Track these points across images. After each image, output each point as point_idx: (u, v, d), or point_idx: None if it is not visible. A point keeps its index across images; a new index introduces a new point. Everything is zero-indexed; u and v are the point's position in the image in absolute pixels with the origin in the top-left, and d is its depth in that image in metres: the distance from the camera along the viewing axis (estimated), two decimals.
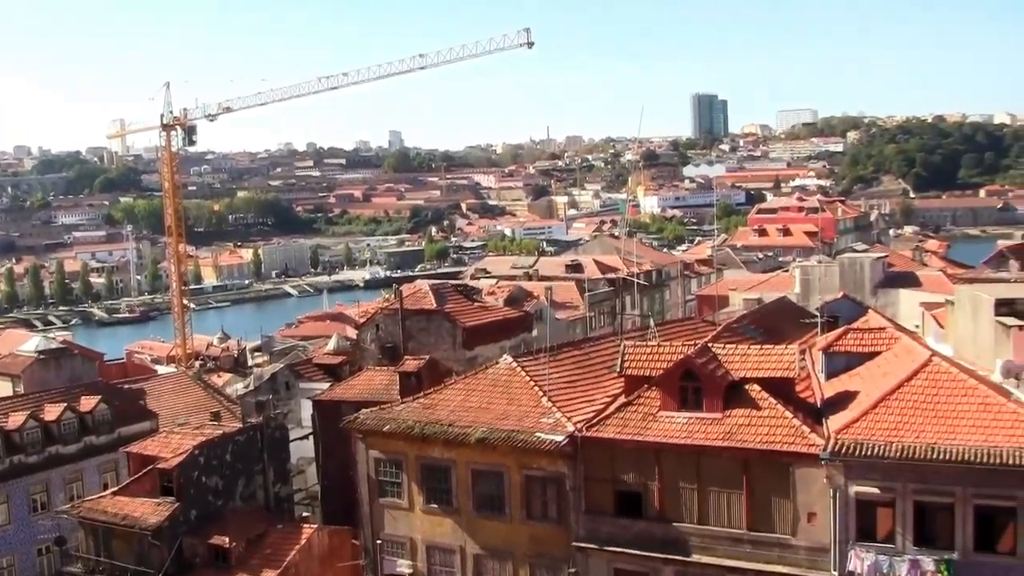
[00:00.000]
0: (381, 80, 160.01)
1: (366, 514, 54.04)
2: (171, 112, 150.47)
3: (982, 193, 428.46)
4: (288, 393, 76.45)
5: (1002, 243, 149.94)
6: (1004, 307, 50.50)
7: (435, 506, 51.69)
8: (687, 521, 46.11)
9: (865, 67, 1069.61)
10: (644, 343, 52.55)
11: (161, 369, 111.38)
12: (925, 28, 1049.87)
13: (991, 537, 41.45)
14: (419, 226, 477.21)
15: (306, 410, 71.00)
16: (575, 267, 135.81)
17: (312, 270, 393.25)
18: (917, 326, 62.97)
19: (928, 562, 41.44)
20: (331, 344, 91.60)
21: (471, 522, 50.77)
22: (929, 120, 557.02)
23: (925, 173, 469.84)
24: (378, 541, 53.41)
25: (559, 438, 47.49)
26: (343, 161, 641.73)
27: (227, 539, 54.51)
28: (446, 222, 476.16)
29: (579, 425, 47.73)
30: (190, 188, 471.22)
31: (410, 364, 62.71)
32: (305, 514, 67.14)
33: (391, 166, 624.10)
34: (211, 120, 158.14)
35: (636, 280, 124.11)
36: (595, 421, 47.78)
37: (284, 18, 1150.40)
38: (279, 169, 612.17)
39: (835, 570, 43.18)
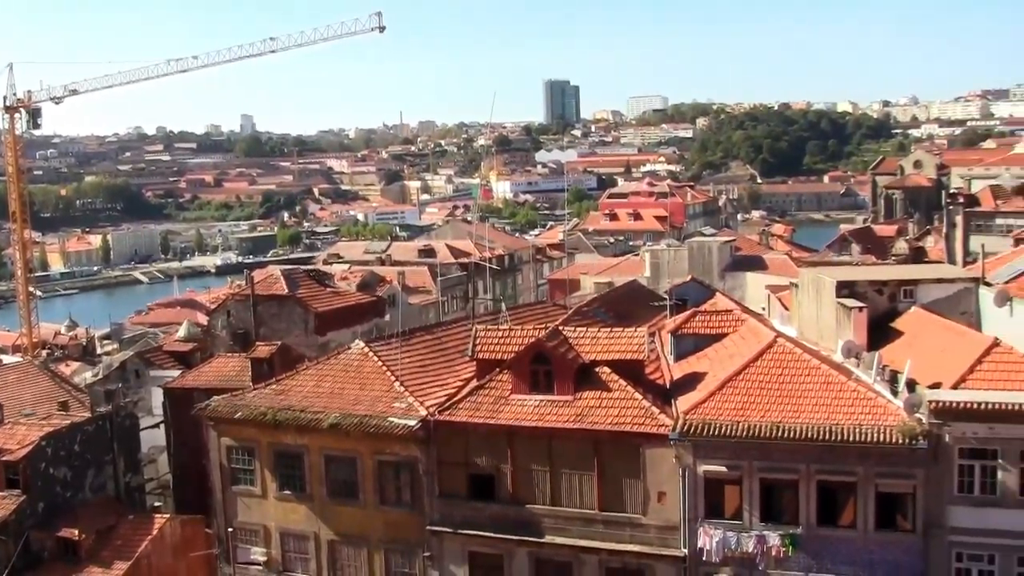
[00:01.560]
0: (232, 63, 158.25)
1: (219, 502, 53.41)
2: (14, 94, 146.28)
3: (826, 179, 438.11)
4: (138, 381, 75.07)
5: (844, 227, 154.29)
6: (845, 289, 51.92)
7: (288, 493, 51.31)
8: (540, 503, 46.51)
9: (714, 55, 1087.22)
10: (496, 327, 52.75)
11: (6, 359, 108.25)
12: (771, 18, 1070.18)
13: (833, 511, 42.70)
14: (271, 211, 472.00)
15: (157, 398, 69.80)
16: (428, 252, 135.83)
17: (163, 256, 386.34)
18: (763, 308, 64.37)
19: (774, 537, 42.56)
20: (182, 331, 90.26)
21: (325, 508, 50.53)
22: (775, 107, 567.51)
23: (772, 159, 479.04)
24: (231, 529, 52.83)
25: (411, 423, 47.51)
26: (194, 145, 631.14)
27: (76, 531, 53.45)
28: (298, 207, 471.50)
29: (431, 409, 47.78)
30: (35, 172, 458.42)
31: (262, 350, 62.08)
32: (157, 504, 66.13)
33: (243, 151, 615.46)
34: (57, 103, 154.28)
35: (488, 265, 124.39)
36: (447, 405, 47.89)
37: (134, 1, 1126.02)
38: (128, 153, 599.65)
39: (685, 547, 44.06)
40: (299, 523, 51.22)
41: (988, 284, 52.39)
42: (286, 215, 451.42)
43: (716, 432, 42.80)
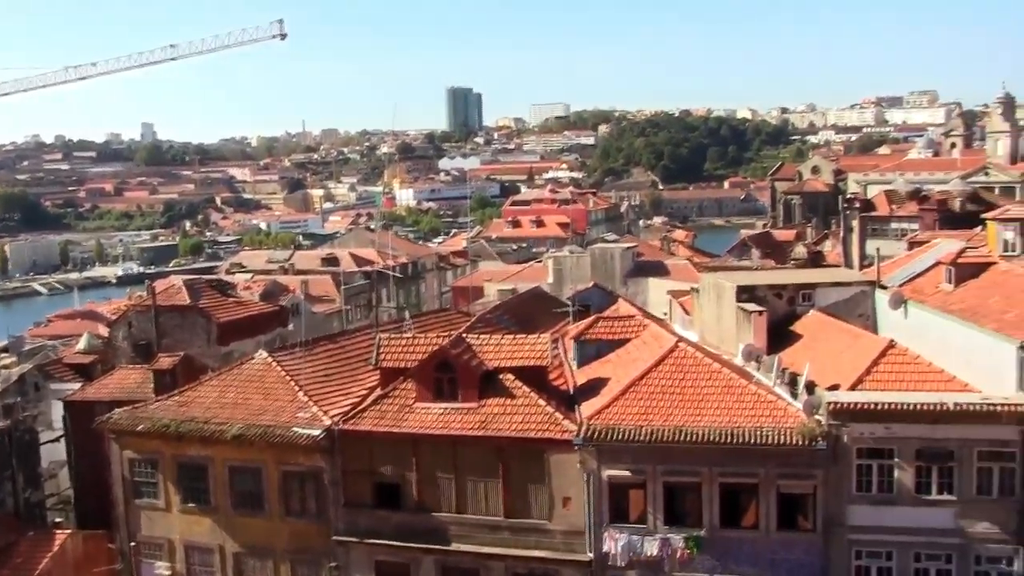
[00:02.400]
0: (132, 70, 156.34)
1: (121, 516, 52.76)
2: None
3: (726, 185, 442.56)
4: (38, 395, 73.74)
5: (744, 232, 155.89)
6: (745, 293, 52.70)
7: (193, 505, 50.85)
8: (445, 510, 46.59)
9: (615, 62, 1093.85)
10: (399, 335, 52.78)
11: None
12: (669, 25, 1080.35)
13: (736, 513, 43.35)
14: (173, 221, 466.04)
15: (57, 411, 68.57)
16: (331, 260, 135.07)
17: (62, 267, 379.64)
18: (665, 313, 65.02)
19: (678, 540, 43.08)
20: (82, 343, 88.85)
21: (230, 520, 50.14)
22: (676, 114, 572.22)
23: (673, 165, 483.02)
24: (134, 544, 52.24)
25: (316, 432, 47.33)
26: (93, 154, 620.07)
27: None
28: (200, 216, 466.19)
29: (336, 418, 47.66)
30: None
31: (164, 361, 61.35)
32: (58, 519, 64.92)
33: (143, 159, 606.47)
34: None
35: (392, 273, 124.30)
36: (352, 414, 47.80)
37: (26, 5, 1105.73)
38: (26, 162, 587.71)
39: (590, 552, 44.37)
40: (204, 536, 50.76)
41: (883, 287, 53.43)
42: (188, 224, 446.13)
43: (620, 437, 43.20)
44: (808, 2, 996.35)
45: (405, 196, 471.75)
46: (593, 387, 47.73)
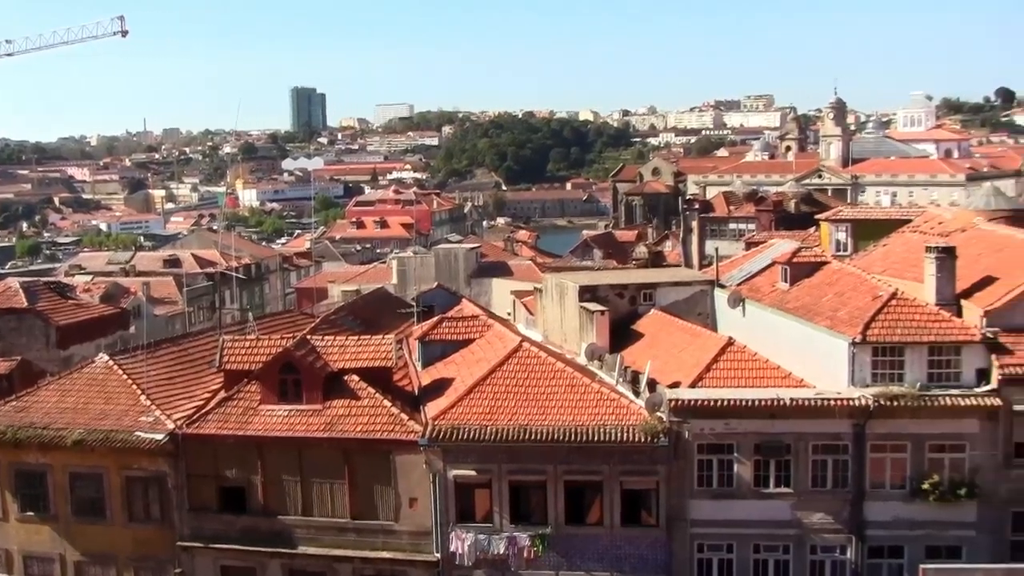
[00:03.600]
0: None
1: None
2: None
3: (569, 186, 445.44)
4: None
5: (587, 233, 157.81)
6: (588, 293, 53.39)
7: (31, 514, 49.52)
8: (292, 513, 46.32)
9: (459, 63, 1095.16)
10: (243, 337, 52.29)
11: None
12: (511, 27, 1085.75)
13: (581, 510, 43.97)
14: (9, 221, 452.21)
15: None
16: (173, 262, 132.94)
17: None
18: (509, 313, 65.51)
19: (524, 538, 43.52)
20: None
21: (71, 528, 49.03)
22: (520, 116, 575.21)
23: (516, 166, 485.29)
24: None
25: (159, 436, 46.65)
26: None
27: None
28: (38, 217, 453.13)
29: (179, 422, 47.02)
30: None
31: (0, 366, 59.85)
32: None
33: None
34: None
35: (235, 274, 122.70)
36: (195, 417, 47.21)
37: None
38: None
39: (438, 552, 44.56)
40: (43, 545, 49.53)
41: (722, 286, 54.62)
42: (25, 225, 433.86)
43: (465, 437, 43.47)
44: (649, 6, 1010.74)
45: (248, 197, 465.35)
46: (438, 387, 47.90)
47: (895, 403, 41.99)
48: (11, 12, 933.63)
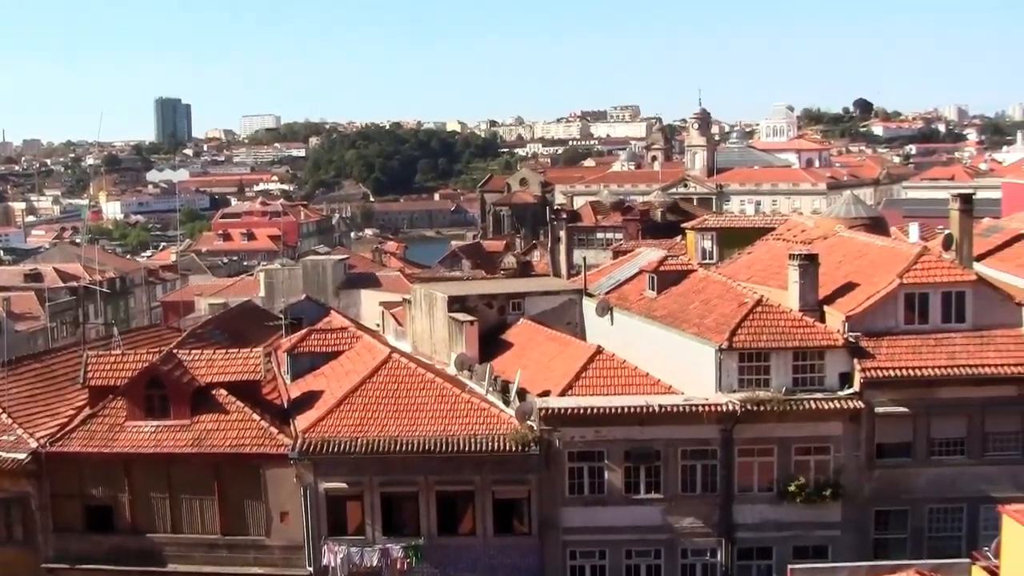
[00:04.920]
0: None
1: None
2: None
3: (437, 196, 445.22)
4: None
5: (455, 244, 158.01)
6: (456, 303, 53.41)
7: None
8: (161, 531, 45.58)
9: (325, 74, 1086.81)
10: (108, 352, 51.31)
11: None
12: (379, 38, 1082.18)
13: (454, 520, 44.08)
14: None
15: None
16: (34, 276, 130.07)
17: None
18: (378, 325, 65.25)
19: (397, 549, 43.42)
20: None
21: None
22: (387, 127, 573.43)
23: (384, 177, 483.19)
24: None
25: (21, 456, 45.47)
26: None
27: None
28: None
29: (42, 441, 45.89)
30: None
31: None
32: None
33: None
34: None
35: (99, 288, 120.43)
36: (59, 436, 46.14)
37: None
38: None
39: (310, 566, 44.23)
40: None
41: (590, 295, 55.03)
42: None
43: (335, 449, 43.26)
44: (513, 17, 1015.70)
45: (112, 209, 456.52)
46: (308, 400, 47.55)
47: (761, 408, 42.81)
48: None
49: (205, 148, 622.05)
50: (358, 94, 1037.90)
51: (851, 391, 43.42)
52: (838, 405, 43.21)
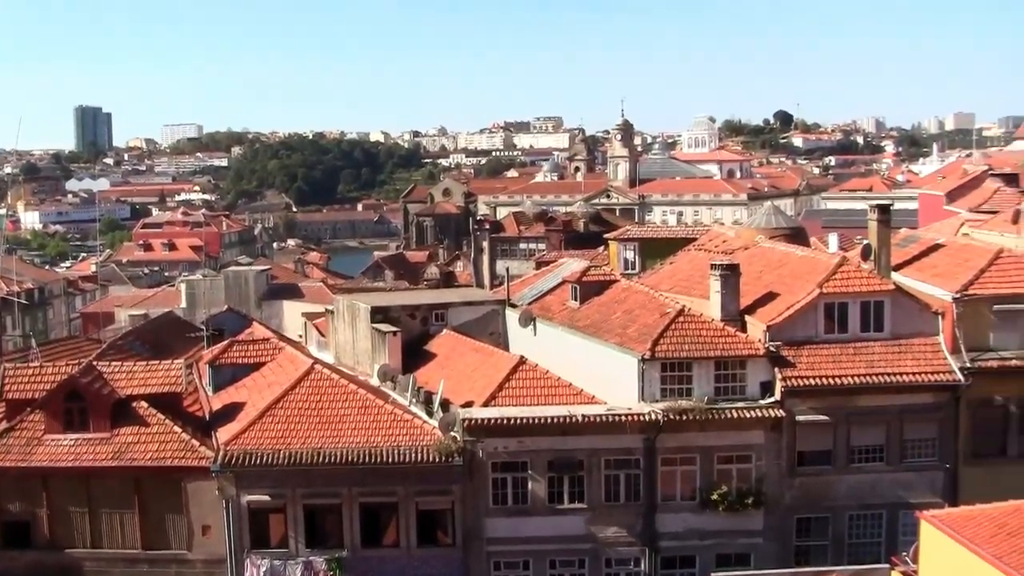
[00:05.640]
0: None
1: None
2: None
3: (360, 207, 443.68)
4: None
5: (378, 254, 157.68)
6: (379, 314, 53.30)
7: None
8: (80, 546, 44.93)
9: (248, 84, 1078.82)
10: (26, 365, 50.59)
11: None
12: (301, 48, 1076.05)
13: (377, 532, 43.93)
14: None
15: None
16: None
17: None
18: (300, 336, 64.96)
19: (320, 562, 43.20)
20: None
21: None
22: (310, 137, 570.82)
23: (307, 187, 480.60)
24: None
25: None
26: None
27: None
28: None
29: None
30: None
31: None
32: None
33: None
34: None
35: (16, 299, 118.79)
36: None
37: None
38: None
39: None
40: None
41: (513, 305, 55.15)
42: None
43: (258, 461, 42.97)
44: (437, 28, 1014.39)
45: (30, 219, 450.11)
46: (229, 412, 47.19)
47: (684, 417, 43.16)
48: None
49: (126, 157, 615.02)
50: (281, 104, 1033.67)
51: (772, 400, 43.92)
52: (759, 414, 43.66)
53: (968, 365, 44.67)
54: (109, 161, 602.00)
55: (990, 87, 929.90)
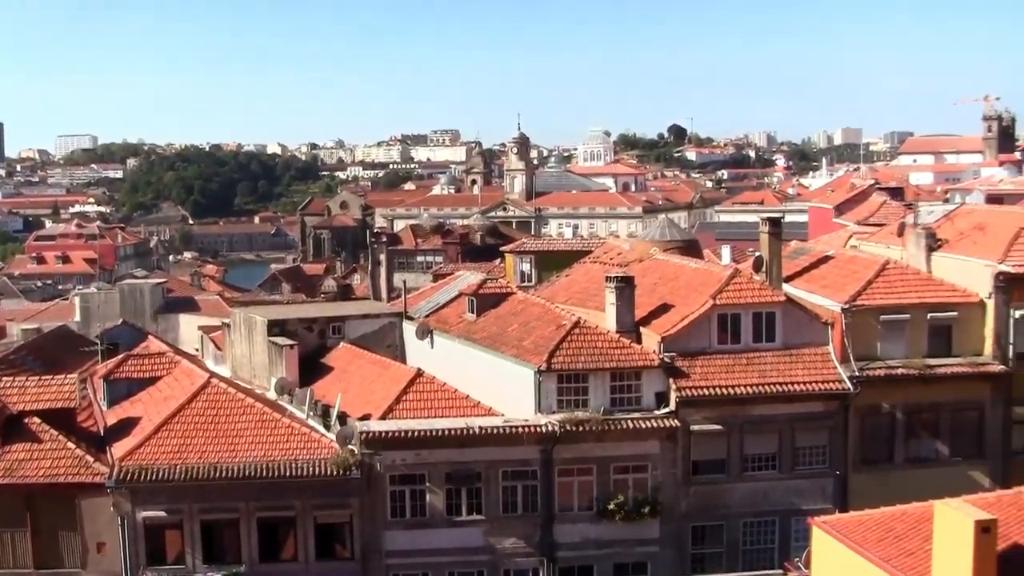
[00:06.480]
0: None
1: None
2: None
3: (257, 219, 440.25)
4: None
5: (275, 267, 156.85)
6: (276, 327, 53.11)
7: None
8: None
9: (144, 95, 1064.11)
10: None
11: None
12: (197, 60, 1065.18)
13: (275, 546, 43.77)
14: None
15: None
16: None
17: None
18: (197, 349, 64.41)
19: None
20: None
21: None
22: (207, 149, 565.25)
23: (203, 200, 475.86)
24: None
25: None
26: None
27: None
28: None
29: None
30: None
31: None
32: None
33: None
34: None
35: None
36: None
37: None
38: None
39: None
40: None
41: (410, 318, 55.27)
42: None
43: (153, 477, 42.57)
44: (333, 39, 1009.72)
45: None
46: (125, 427, 46.68)
47: (580, 428, 43.60)
48: None
49: (18, 168, 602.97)
50: (177, 115, 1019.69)
51: (667, 410, 44.56)
52: (655, 424, 44.26)
53: (857, 374, 45.81)
54: (1, 172, 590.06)
55: (876, 103, 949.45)
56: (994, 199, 74.01)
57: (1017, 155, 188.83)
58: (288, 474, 42.67)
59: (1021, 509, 28.81)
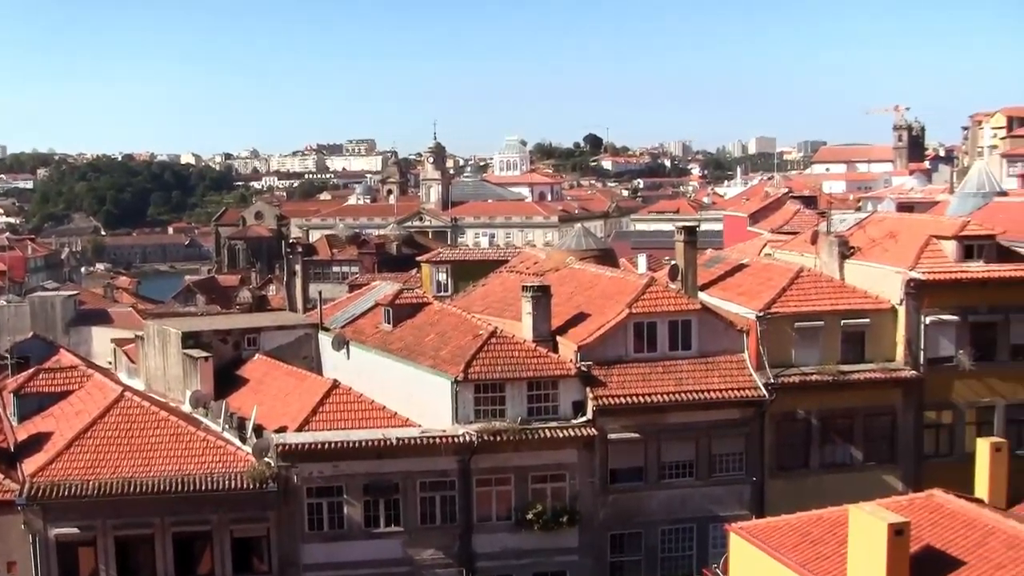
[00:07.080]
0: None
1: None
2: None
3: (171, 230, 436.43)
4: None
5: (189, 278, 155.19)
6: (191, 339, 52.62)
7: None
8: None
9: (55, 104, 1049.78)
10: None
11: None
12: (109, 69, 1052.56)
13: (191, 562, 43.28)
14: None
15: None
16: None
17: None
18: (110, 362, 63.64)
19: None
20: None
21: None
22: (119, 158, 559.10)
23: (116, 210, 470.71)
24: None
25: None
26: None
27: None
28: None
29: None
30: None
31: None
32: None
33: None
34: None
35: None
36: None
37: None
38: None
39: None
40: None
41: (326, 329, 55.02)
42: None
43: (65, 493, 41.90)
44: (246, 48, 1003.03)
45: None
46: (36, 443, 45.90)
47: (498, 438, 43.66)
48: None
49: None
50: (88, 125, 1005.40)
51: (584, 419, 44.71)
52: (572, 433, 44.41)
53: (772, 381, 46.34)
54: None
55: (790, 112, 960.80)
56: (905, 207, 75.15)
57: (927, 164, 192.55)
58: (203, 488, 42.20)
59: (932, 512, 29.29)
